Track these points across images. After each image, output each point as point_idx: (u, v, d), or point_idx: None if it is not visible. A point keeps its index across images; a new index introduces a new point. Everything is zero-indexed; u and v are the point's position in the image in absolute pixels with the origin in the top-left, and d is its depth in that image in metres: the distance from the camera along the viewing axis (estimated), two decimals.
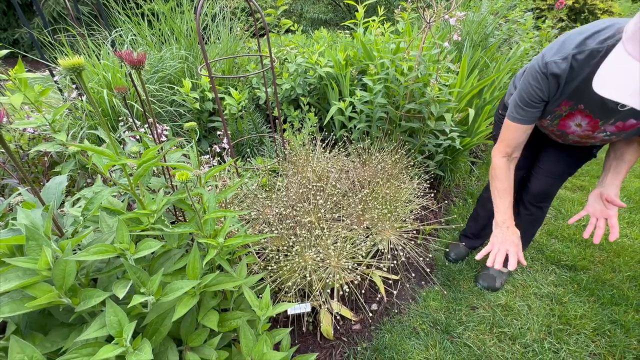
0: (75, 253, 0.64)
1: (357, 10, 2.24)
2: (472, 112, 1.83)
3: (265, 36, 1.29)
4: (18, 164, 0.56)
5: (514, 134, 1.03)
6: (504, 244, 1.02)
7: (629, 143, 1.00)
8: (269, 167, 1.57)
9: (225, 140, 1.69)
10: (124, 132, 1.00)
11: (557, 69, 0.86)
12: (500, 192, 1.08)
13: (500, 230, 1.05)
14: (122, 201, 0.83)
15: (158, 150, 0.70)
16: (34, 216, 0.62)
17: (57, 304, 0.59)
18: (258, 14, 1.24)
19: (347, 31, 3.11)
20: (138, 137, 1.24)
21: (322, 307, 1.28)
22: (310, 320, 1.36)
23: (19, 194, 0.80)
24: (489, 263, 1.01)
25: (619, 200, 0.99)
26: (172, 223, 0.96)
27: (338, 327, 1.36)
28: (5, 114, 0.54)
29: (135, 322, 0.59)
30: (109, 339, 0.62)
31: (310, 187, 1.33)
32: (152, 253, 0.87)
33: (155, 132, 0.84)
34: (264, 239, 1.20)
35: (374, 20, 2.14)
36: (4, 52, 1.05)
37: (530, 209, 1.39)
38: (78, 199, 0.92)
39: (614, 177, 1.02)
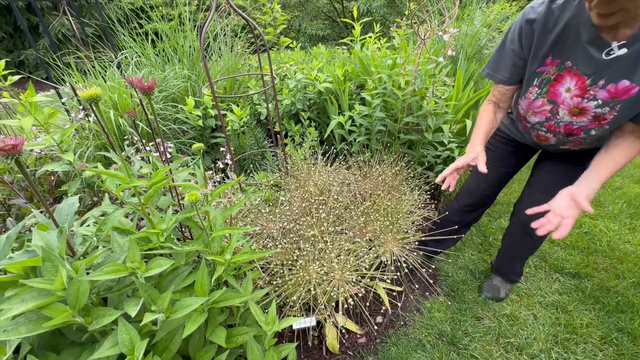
0: (87, 273, 0.66)
1: (354, 27, 2.32)
2: (469, 123, 1.87)
3: (266, 54, 1.34)
4: (35, 187, 0.59)
5: (493, 90, 1.10)
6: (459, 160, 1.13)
7: (621, 138, 0.92)
8: (271, 181, 1.60)
9: (228, 156, 1.72)
10: (131, 152, 1.03)
11: (533, 14, 0.87)
12: (475, 127, 1.15)
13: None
14: (132, 220, 0.86)
15: (167, 172, 0.73)
16: (49, 238, 0.64)
17: (71, 324, 0.61)
18: (257, 31, 1.29)
19: (345, 47, 3.20)
20: (146, 156, 1.27)
21: (327, 320, 1.29)
22: (316, 334, 1.36)
23: (33, 216, 0.82)
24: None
25: (587, 204, 0.85)
26: (179, 240, 0.98)
27: (344, 341, 1.36)
28: (23, 140, 0.57)
29: (147, 340, 0.60)
30: (121, 357, 0.63)
31: (313, 200, 1.35)
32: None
33: (165, 153, 0.87)
34: (269, 254, 1.22)
35: (370, 37, 2.21)
36: (16, 77, 1.11)
37: (521, 234, 1.35)
38: (87, 218, 0.95)
39: (592, 174, 0.91)
